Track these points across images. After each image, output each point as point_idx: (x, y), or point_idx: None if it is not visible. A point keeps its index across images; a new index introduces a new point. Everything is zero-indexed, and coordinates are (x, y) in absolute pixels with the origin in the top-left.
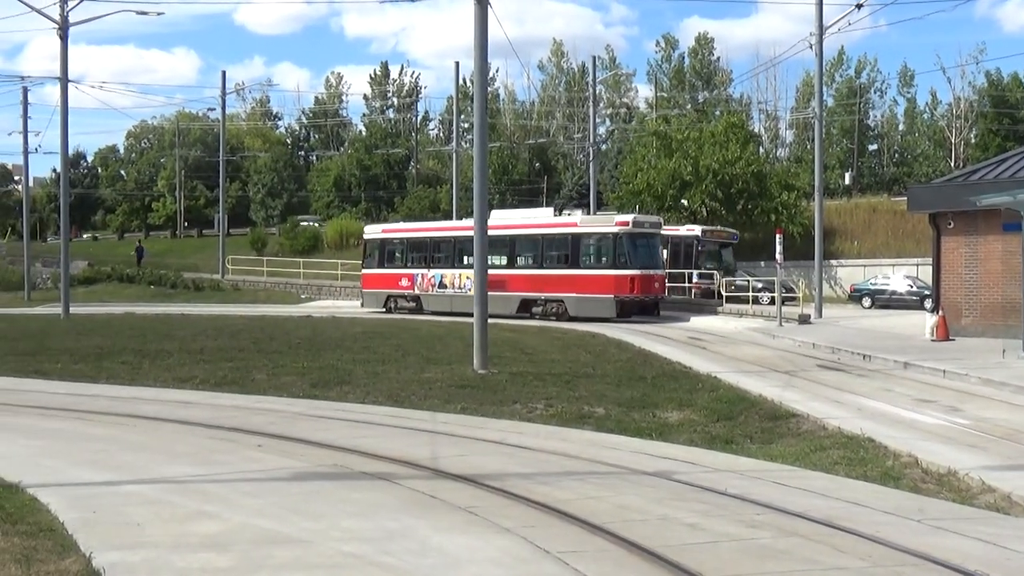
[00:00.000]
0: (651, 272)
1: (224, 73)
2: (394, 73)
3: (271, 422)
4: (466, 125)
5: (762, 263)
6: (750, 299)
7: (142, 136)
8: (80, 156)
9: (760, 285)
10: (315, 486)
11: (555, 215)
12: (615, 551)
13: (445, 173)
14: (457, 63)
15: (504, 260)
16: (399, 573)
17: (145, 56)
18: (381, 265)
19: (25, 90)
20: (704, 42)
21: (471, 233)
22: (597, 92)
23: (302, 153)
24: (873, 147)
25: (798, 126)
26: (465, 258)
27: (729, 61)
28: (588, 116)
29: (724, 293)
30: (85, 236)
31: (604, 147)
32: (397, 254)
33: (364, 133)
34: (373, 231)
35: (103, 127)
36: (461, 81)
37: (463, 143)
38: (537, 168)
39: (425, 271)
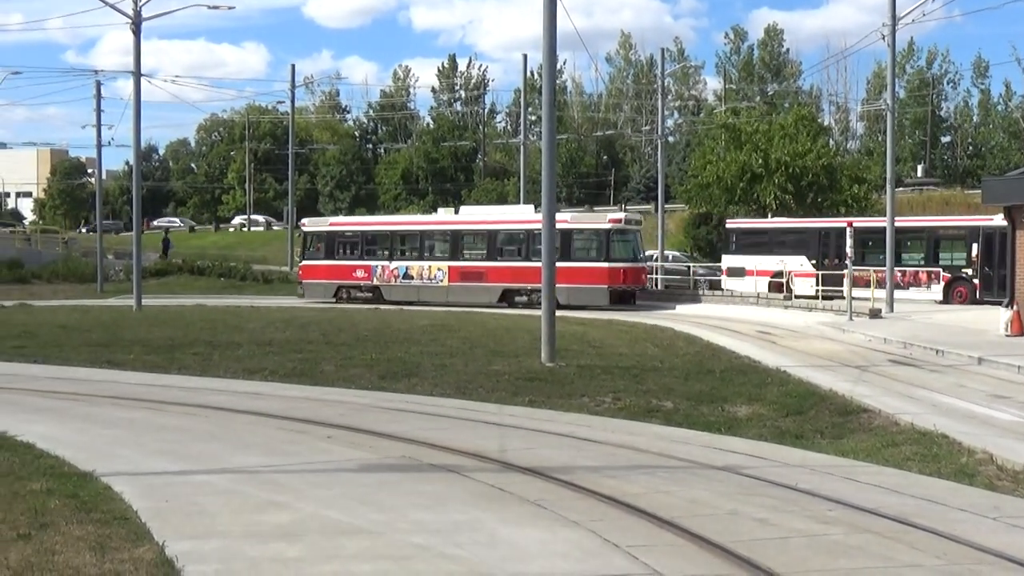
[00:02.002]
0: (638, 264)
1: (293, 67)
2: (461, 66)
3: (340, 414)
4: (533, 118)
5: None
6: (819, 294)
7: (212, 129)
8: (152, 149)
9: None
10: (384, 477)
11: (535, 212)
12: (685, 546)
13: (512, 165)
14: (525, 55)
15: (484, 253)
16: (468, 565)
17: (216, 50)
18: (329, 256)
19: (99, 84)
20: (773, 34)
21: (442, 227)
22: (665, 84)
23: (370, 146)
24: (946, 139)
25: (869, 118)
26: (435, 251)
27: (799, 52)
28: (656, 108)
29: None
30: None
31: (672, 140)
32: (349, 246)
33: (432, 126)
34: (316, 224)
35: (174, 120)
36: (528, 74)
37: (530, 136)
38: (604, 161)
39: (386, 263)
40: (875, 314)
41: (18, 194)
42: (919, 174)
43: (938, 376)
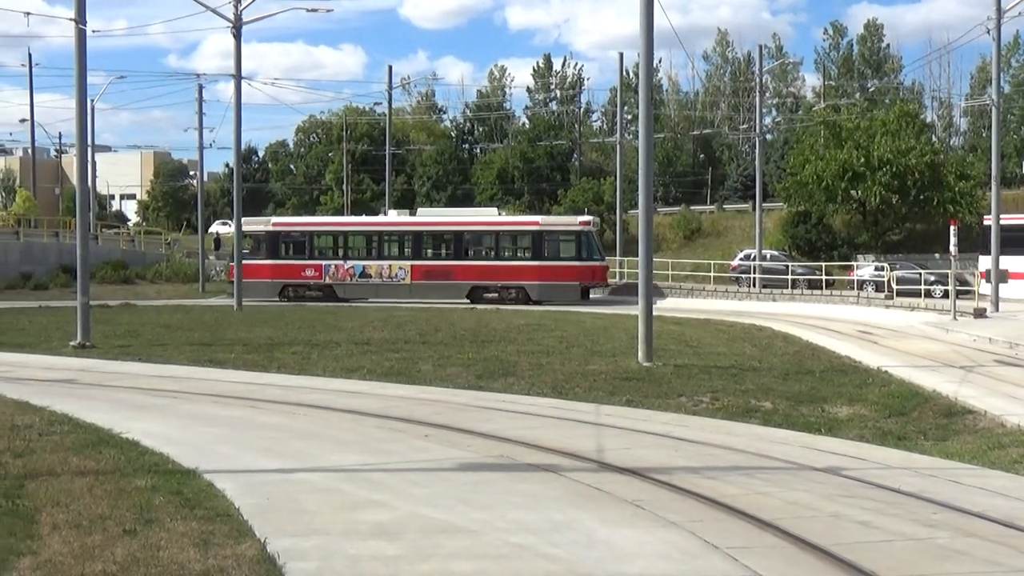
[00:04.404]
0: (604, 263)
1: (390, 68)
2: (557, 65)
3: (437, 412)
4: (629, 117)
5: (936, 255)
6: (922, 292)
7: (311, 131)
8: (252, 151)
9: (933, 278)
10: (481, 477)
11: (499, 214)
12: (786, 548)
13: (608, 165)
14: (621, 54)
15: (451, 252)
16: (566, 565)
17: (314, 52)
18: (273, 256)
19: (200, 87)
20: (873, 29)
21: (403, 228)
22: (763, 81)
23: (466, 146)
24: None
25: (972, 113)
26: (394, 250)
27: (900, 47)
28: (754, 106)
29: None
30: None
31: (770, 137)
32: (296, 246)
33: (527, 125)
34: (255, 224)
35: (274, 122)
36: (624, 72)
37: (626, 135)
38: (701, 160)
39: (340, 262)
40: (979, 313)
41: (122, 196)
42: None
43: None
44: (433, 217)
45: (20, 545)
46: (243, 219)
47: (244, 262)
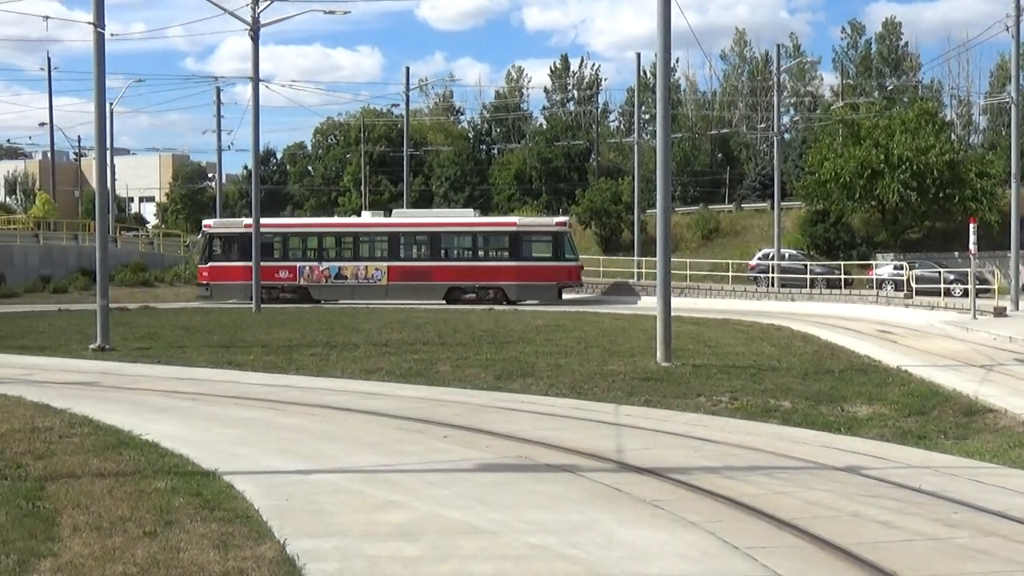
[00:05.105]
0: (579, 263)
1: (408, 69)
2: (574, 66)
3: (456, 413)
4: (647, 117)
5: (955, 254)
6: (941, 291)
7: (328, 133)
8: (270, 153)
9: (952, 277)
10: (500, 477)
11: (475, 215)
12: (805, 548)
13: (626, 165)
14: (638, 54)
15: (428, 253)
16: (586, 566)
17: (331, 54)
18: (244, 258)
19: (218, 90)
20: (891, 27)
21: (378, 229)
22: (781, 81)
23: (483, 147)
24: None
25: (992, 111)
26: (370, 251)
27: (918, 46)
28: (771, 105)
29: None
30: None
31: (788, 137)
32: (269, 248)
33: (545, 126)
34: (226, 225)
35: (292, 124)
36: (642, 72)
37: (644, 135)
38: (719, 159)
39: (315, 263)
40: (1000, 312)
41: (141, 199)
42: None
43: None
44: (409, 218)
45: (41, 547)
46: (215, 220)
47: (215, 264)
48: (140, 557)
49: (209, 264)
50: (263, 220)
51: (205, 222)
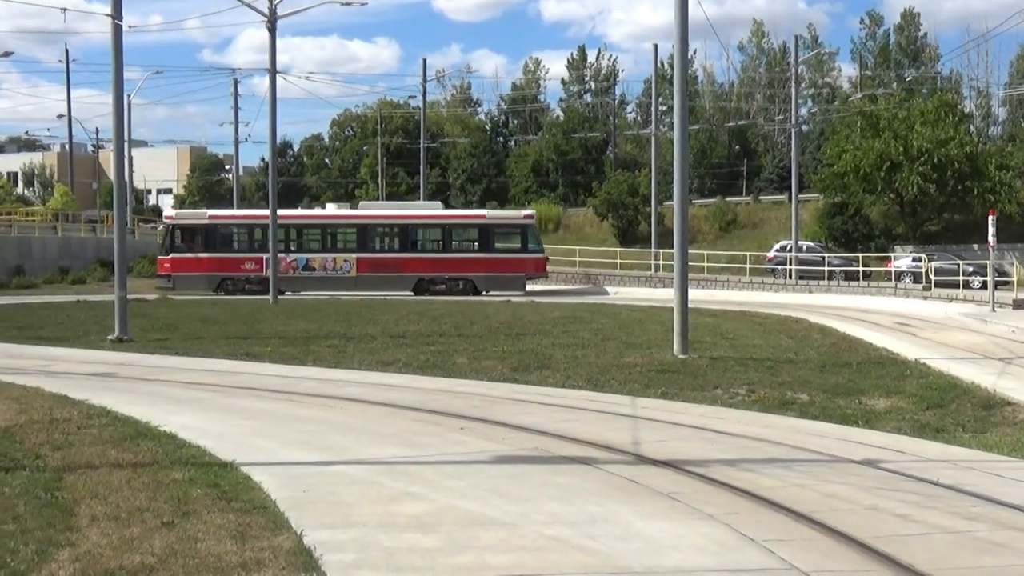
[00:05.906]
0: (544, 255)
1: (424, 61)
2: (591, 57)
3: (473, 405)
4: (664, 108)
5: (974, 246)
6: (960, 283)
7: (346, 124)
8: (287, 145)
9: (971, 269)
10: (517, 469)
11: (444, 208)
12: (822, 540)
13: (643, 157)
14: (655, 45)
15: (397, 244)
16: (603, 558)
17: (348, 46)
18: (210, 249)
19: (235, 82)
20: (910, 18)
21: (347, 221)
22: (799, 72)
23: (500, 139)
24: None
25: (1011, 103)
26: (338, 243)
27: (937, 36)
28: (789, 97)
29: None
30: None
31: (806, 128)
32: (235, 239)
33: (561, 118)
34: (190, 217)
35: (309, 116)
36: (659, 64)
37: (661, 126)
38: (737, 151)
39: (282, 255)
40: (1019, 304)
41: (159, 191)
42: None
43: None
44: (377, 210)
45: (59, 537)
46: (177, 212)
47: (178, 256)
48: (157, 547)
49: (171, 256)
50: (228, 211)
51: (166, 213)
